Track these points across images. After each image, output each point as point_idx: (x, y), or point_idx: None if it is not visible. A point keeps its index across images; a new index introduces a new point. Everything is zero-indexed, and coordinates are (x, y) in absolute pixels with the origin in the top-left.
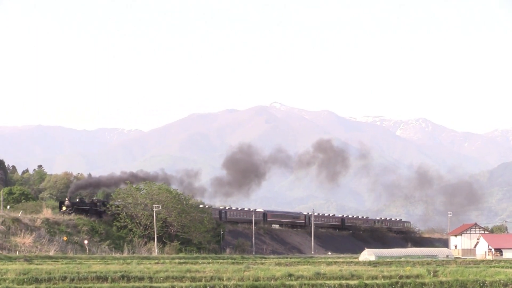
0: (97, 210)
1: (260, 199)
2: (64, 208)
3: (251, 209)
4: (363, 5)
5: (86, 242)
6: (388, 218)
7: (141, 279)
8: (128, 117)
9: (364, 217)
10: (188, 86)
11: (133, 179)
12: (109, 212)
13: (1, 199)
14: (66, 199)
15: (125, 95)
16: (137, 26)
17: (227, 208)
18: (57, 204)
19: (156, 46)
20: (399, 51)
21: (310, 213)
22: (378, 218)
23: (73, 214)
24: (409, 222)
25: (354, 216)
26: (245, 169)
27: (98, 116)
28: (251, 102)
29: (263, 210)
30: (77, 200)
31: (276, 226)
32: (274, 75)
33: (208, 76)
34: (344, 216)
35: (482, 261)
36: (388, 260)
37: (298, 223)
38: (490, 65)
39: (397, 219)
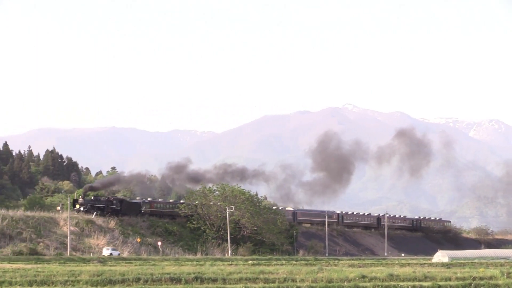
0: (114, 208)
1: (333, 200)
2: (77, 206)
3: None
4: (436, 4)
5: (159, 243)
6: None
7: (214, 280)
8: (201, 119)
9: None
10: (261, 87)
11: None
12: (183, 214)
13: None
14: (80, 197)
15: (199, 97)
16: (210, 26)
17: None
18: None
19: (228, 47)
20: (473, 51)
21: (382, 214)
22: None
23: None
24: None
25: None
26: (337, 166)
27: (171, 118)
28: (323, 104)
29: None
30: (92, 198)
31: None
32: (347, 76)
33: (281, 77)
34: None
35: None
36: (461, 261)
37: (371, 225)
38: None
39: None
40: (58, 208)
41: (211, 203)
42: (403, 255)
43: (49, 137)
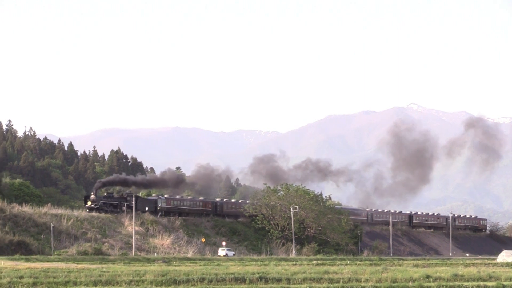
0: (128, 205)
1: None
2: (89, 203)
3: (392, 211)
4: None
5: (224, 243)
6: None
7: (279, 280)
8: (265, 119)
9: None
10: (326, 87)
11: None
12: (247, 214)
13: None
14: (92, 193)
15: (263, 97)
16: (277, 23)
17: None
18: None
19: (293, 46)
20: None
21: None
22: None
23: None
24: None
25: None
26: (417, 161)
27: (236, 118)
28: (388, 104)
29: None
30: (105, 194)
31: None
32: (411, 76)
33: (345, 77)
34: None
35: None
36: None
37: (438, 225)
38: None
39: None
40: (123, 208)
41: (275, 203)
42: (467, 255)
43: (114, 137)
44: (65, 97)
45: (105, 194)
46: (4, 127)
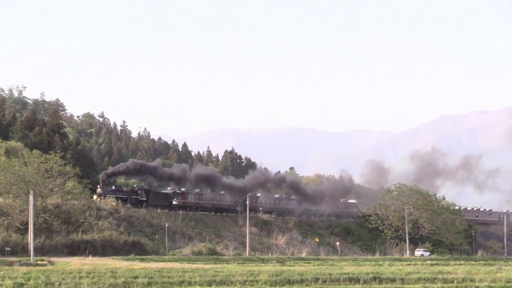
0: (139, 199)
1: None
2: (95, 197)
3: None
4: None
5: (337, 243)
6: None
7: (393, 280)
8: (379, 119)
9: None
10: (439, 86)
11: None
12: (360, 214)
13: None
14: (98, 186)
15: (377, 97)
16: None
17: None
18: None
19: (409, 45)
20: None
21: None
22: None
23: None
24: None
25: None
26: None
27: (350, 118)
28: (502, 103)
29: None
30: (113, 187)
31: None
32: None
33: (459, 76)
34: None
35: None
36: None
37: None
38: None
39: None
40: (238, 208)
41: (389, 203)
42: None
43: (227, 138)
44: (179, 98)
45: (113, 187)
46: (119, 128)
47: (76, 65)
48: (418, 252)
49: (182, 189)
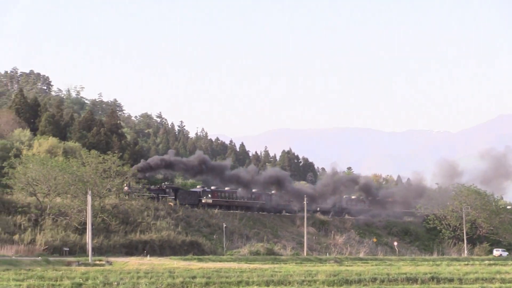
0: (167, 198)
1: None
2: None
3: None
4: None
5: (395, 243)
6: None
7: (450, 280)
8: (436, 119)
9: None
10: (497, 85)
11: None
12: (418, 214)
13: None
14: (125, 185)
15: (434, 96)
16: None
17: None
18: None
19: (466, 44)
20: None
21: None
22: None
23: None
24: None
25: None
26: None
27: (407, 118)
28: None
29: None
30: (140, 186)
31: None
32: None
33: None
34: None
35: None
36: None
37: None
38: None
39: None
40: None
41: (447, 203)
42: None
43: (284, 138)
44: (237, 99)
45: (140, 185)
46: (176, 128)
47: (134, 65)
48: (497, 252)
49: (212, 187)
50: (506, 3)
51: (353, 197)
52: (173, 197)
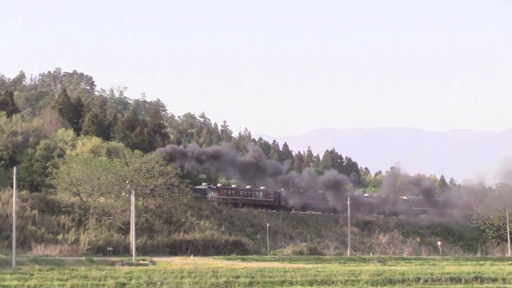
0: (171, 195)
1: None
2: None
3: None
4: None
5: (439, 243)
6: None
7: (494, 280)
8: (479, 118)
9: None
10: None
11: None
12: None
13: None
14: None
15: (477, 95)
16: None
17: None
18: None
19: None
20: None
21: None
22: None
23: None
24: None
25: None
26: None
27: (449, 117)
28: None
29: None
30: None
31: None
32: None
33: None
34: None
35: None
36: None
37: None
38: None
39: None
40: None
41: (490, 203)
42: None
43: (328, 137)
44: (280, 98)
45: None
46: (219, 128)
47: (177, 65)
48: None
49: (218, 185)
50: None
51: (404, 198)
52: (178, 195)
